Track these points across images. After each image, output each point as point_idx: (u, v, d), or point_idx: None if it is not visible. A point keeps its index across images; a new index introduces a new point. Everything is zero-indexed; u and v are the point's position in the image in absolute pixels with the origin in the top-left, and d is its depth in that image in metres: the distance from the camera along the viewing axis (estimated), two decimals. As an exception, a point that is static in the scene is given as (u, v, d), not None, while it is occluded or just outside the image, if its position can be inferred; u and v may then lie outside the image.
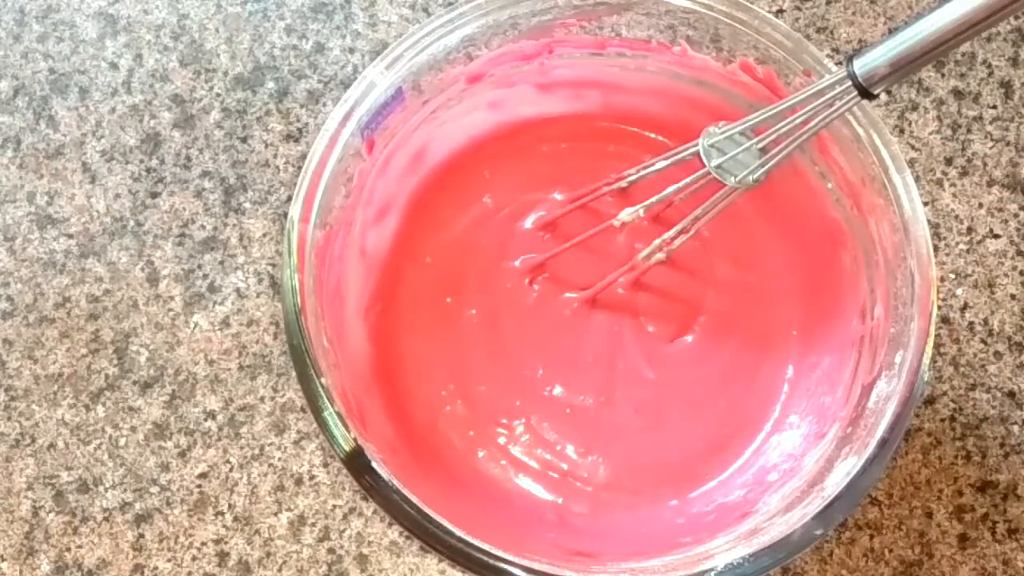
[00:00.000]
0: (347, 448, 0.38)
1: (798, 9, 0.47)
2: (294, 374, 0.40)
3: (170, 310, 0.45)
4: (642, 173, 0.41)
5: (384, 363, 0.44)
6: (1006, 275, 0.46)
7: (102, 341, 0.45)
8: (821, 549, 0.44)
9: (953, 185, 0.46)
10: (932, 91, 0.47)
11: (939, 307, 0.44)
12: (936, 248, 0.45)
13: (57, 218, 0.46)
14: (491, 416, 0.44)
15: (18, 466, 0.44)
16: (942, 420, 0.44)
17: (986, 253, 0.46)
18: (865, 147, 0.39)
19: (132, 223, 0.46)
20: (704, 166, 0.39)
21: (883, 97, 0.47)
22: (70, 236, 0.46)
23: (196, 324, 0.45)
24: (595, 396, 0.44)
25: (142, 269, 0.45)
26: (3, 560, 0.44)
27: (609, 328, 0.44)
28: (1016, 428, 0.45)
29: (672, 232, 0.41)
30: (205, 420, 0.44)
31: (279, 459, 0.44)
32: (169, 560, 0.44)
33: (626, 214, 0.40)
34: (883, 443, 0.38)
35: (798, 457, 0.42)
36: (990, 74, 0.47)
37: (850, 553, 0.44)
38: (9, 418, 0.45)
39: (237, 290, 0.45)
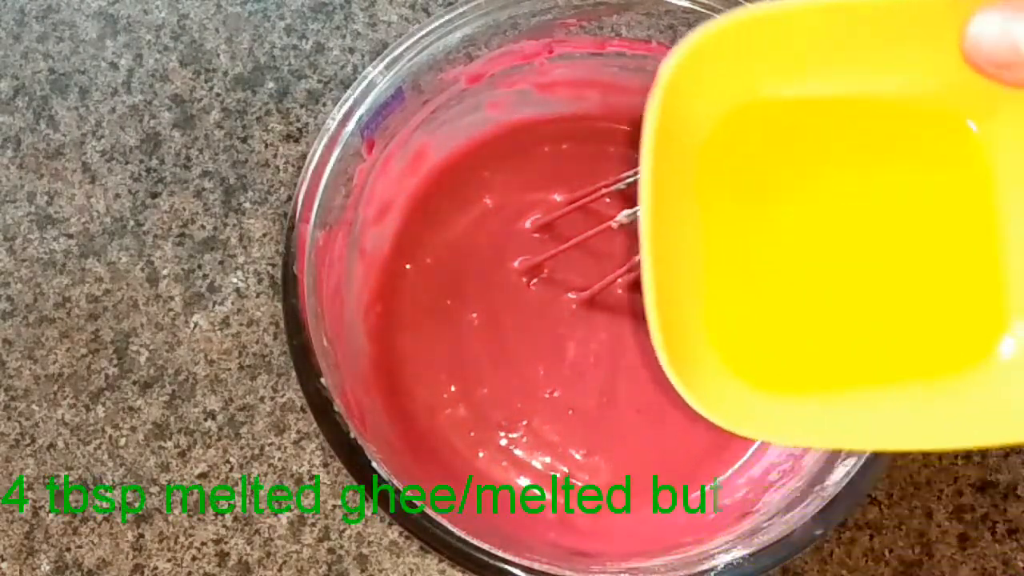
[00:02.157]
0: (347, 448, 0.38)
1: (798, 9, 0.47)
2: (294, 374, 0.40)
3: (170, 310, 0.45)
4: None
5: (384, 363, 0.44)
6: (1006, 275, 0.46)
7: (102, 341, 0.45)
8: (821, 549, 0.44)
9: (953, 185, 0.46)
10: (932, 91, 0.47)
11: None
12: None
13: (57, 218, 0.46)
14: (492, 417, 0.44)
15: (18, 466, 0.44)
16: (942, 420, 0.44)
17: (986, 253, 0.46)
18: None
19: (132, 223, 0.46)
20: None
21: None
22: (70, 236, 0.46)
23: (196, 324, 0.45)
24: (597, 397, 0.44)
25: (142, 269, 0.45)
26: (3, 560, 0.44)
27: (609, 329, 0.44)
28: (1016, 428, 0.45)
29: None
30: (205, 420, 0.44)
31: (279, 459, 0.44)
32: (169, 560, 0.44)
33: (624, 216, 0.40)
34: (883, 443, 0.38)
35: (798, 457, 0.42)
36: (990, 74, 0.47)
37: (850, 553, 0.44)
38: (9, 418, 0.45)
39: (237, 290, 0.45)
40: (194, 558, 0.44)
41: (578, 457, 0.44)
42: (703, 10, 0.40)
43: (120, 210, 0.46)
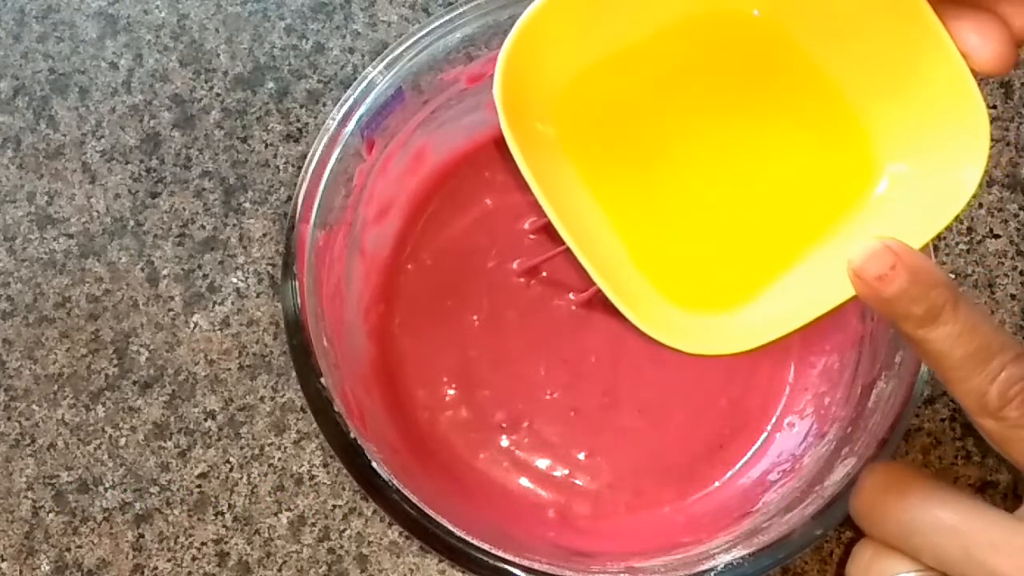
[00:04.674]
0: (347, 448, 0.38)
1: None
2: (294, 374, 0.40)
3: (170, 310, 0.45)
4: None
5: (384, 363, 0.44)
6: (1006, 275, 0.46)
7: (102, 341, 0.45)
8: (821, 549, 0.44)
9: (953, 185, 0.46)
10: (932, 91, 0.47)
11: (939, 307, 0.44)
12: (936, 248, 0.45)
13: (57, 218, 0.46)
14: (492, 418, 0.44)
15: (18, 466, 0.44)
16: (942, 420, 0.44)
17: (986, 253, 0.46)
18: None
19: (132, 223, 0.46)
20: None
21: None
22: (70, 236, 0.46)
23: (196, 324, 0.45)
24: (598, 398, 0.44)
25: (142, 269, 0.45)
26: (3, 560, 0.44)
27: (609, 329, 0.44)
28: (1016, 428, 0.45)
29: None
30: (205, 420, 0.44)
31: (279, 459, 0.44)
32: (169, 560, 0.44)
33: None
34: (883, 443, 0.38)
35: (798, 457, 0.42)
36: (990, 74, 0.47)
37: (850, 553, 0.44)
38: (9, 418, 0.45)
39: (237, 290, 0.45)
40: (194, 558, 0.44)
41: (580, 458, 0.44)
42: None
43: (120, 210, 0.46)
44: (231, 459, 0.44)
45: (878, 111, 0.35)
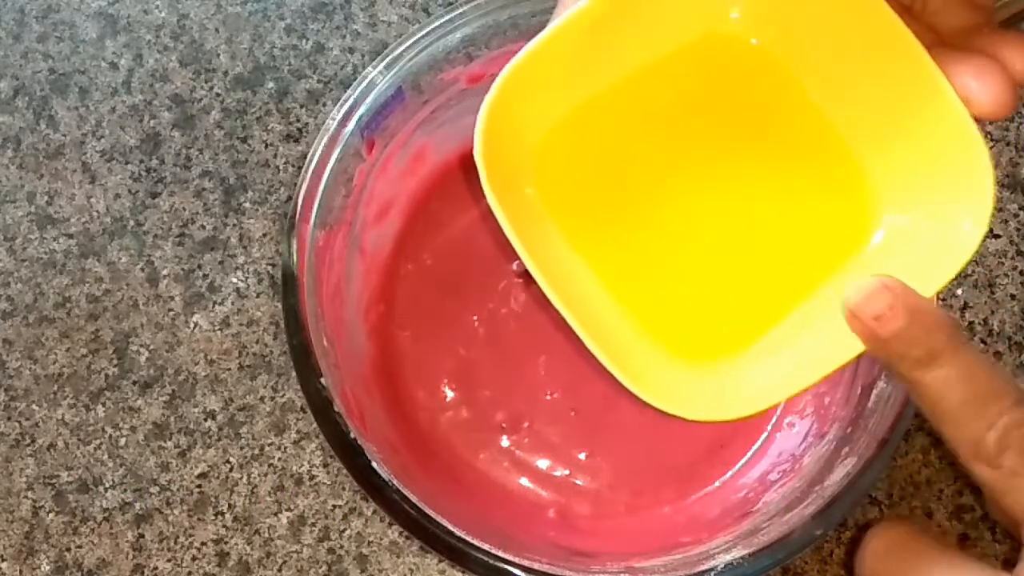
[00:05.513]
0: (347, 448, 0.38)
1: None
2: (294, 374, 0.40)
3: (170, 310, 0.45)
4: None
5: (384, 363, 0.44)
6: (1006, 275, 0.46)
7: (102, 341, 0.45)
8: (821, 549, 0.44)
9: (953, 185, 0.46)
10: (932, 91, 0.47)
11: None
12: (936, 248, 0.45)
13: (57, 218, 0.46)
14: (493, 418, 0.44)
15: (18, 466, 0.44)
16: (942, 420, 0.44)
17: (986, 253, 0.46)
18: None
19: (132, 223, 0.46)
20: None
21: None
22: (70, 236, 0.46)
23: (196, 324, 0.45)
24: (599, 398, 0.44)
25: (142, 269, 0.45)
26: (3, 560, 0.44)
27: (609, 328, 0.44)
28: (1016, 428, 0.45)
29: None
30: (205, 420, 0.44)
31: (279, 459, 0.44)
32: (169, 560, 0.44)
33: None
34: (883, 443, 0.38)
35: (798, 457, 0.42)
36: (990, 74, 0.47)
37: (850, 553, 0.44)
38: (9, 418, 0.45)
39: (237, 290, 0.45)
40: (194, 558, 0.44)
41: (580, 458, 0.44)
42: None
43: (120, 210, 0.46)
44: (231, 459, 0.44)
45: (877, 159, 0.33)
